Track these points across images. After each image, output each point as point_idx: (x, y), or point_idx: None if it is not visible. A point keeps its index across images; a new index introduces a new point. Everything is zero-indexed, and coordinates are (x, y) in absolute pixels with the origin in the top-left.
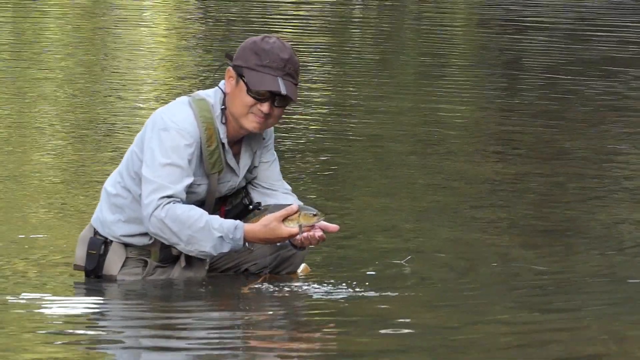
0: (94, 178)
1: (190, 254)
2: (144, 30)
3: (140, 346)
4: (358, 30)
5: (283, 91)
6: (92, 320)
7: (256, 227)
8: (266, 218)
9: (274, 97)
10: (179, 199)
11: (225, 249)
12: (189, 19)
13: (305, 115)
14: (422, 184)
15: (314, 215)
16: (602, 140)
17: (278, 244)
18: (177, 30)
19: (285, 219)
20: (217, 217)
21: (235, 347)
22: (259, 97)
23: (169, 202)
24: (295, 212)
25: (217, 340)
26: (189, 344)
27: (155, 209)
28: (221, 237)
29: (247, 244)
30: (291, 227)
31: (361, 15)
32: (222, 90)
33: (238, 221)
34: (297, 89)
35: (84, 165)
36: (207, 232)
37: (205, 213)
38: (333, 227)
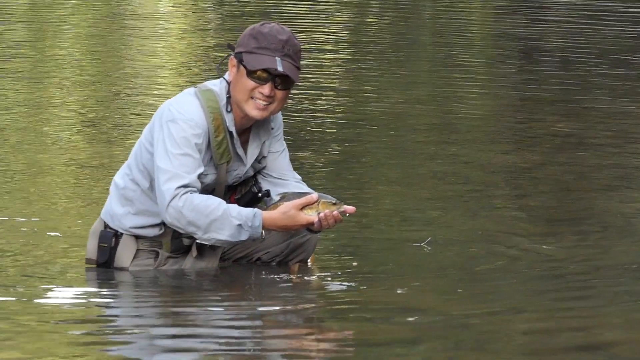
0: (107, 172)
1: (207, 243)
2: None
3: (152, 337)
4: (375, 18)
5: (280, 68)
6: (104, 312)
7: (275, 214)
8: (285, 205)
9: (274, 79)
10: (194, 188)
11: (244, 237)
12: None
13: (321, 103)
14: (439, 172)
15: (334, 203)
16: (621, 129)
17: (293, 231)
18: (194, 27)
19: (303, 207)
20: (234, 205)
21: (249, 338)
22: (259, 80)
23: (185, 192)
24: (315, 202)
25: (230, 331)
26: (201, 335)
27: (173, 198)
28: (240, 225)
29: (263, 232)
30: (310, 215)
31: (378, 2)
32: (226, 80)
33: (256, 209)
34: (298, 71)
35: (97, 159)
36: (226, 220)
37: (223, 202)
38: (350, 208)
